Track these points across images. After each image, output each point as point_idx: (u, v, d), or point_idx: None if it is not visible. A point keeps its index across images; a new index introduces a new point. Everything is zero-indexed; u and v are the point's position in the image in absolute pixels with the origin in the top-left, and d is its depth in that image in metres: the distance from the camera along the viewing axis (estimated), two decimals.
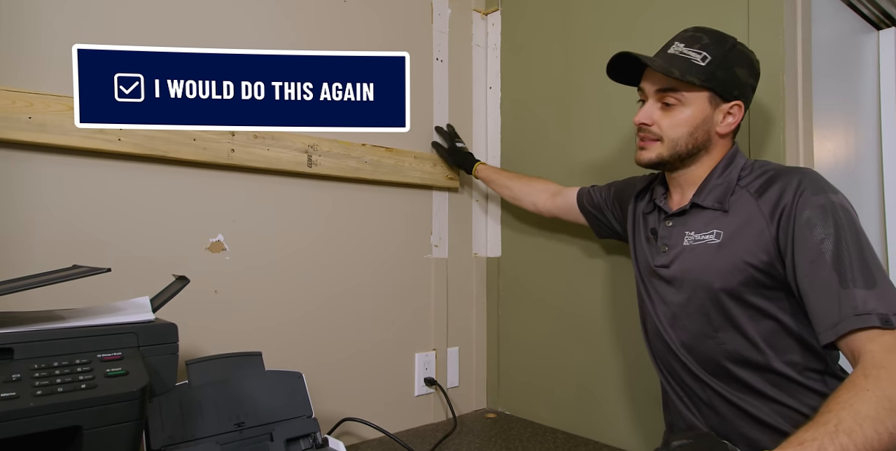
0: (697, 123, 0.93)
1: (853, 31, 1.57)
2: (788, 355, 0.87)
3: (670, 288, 0.98)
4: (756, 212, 0.88)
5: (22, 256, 0.95)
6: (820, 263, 0.79)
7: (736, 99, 0.93)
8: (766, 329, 0.88)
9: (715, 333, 0.92)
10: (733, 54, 0.92)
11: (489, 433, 1.40)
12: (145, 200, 1.07)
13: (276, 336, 1.23)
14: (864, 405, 0.64)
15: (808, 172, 0.87)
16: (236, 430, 0.94)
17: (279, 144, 1.21)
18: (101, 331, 0.71)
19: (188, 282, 0.92)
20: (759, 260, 0.86)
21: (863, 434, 0.62)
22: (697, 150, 0.95)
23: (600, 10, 1.41)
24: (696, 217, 0.96)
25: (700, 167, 0.97)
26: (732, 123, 0.94)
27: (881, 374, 0.67)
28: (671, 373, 1.01)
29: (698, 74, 0.90)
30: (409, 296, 1.48)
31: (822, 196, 0.82)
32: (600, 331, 1.38)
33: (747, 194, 0.91)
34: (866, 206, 1.58)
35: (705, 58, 0.90)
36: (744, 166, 0.94)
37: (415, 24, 1.53)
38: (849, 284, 0.76)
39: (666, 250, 0.99)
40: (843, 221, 0.80)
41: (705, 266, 0.92)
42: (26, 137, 0.93)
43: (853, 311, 0.74)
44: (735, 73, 0.92)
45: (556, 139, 1.50)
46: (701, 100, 0.92)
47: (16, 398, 0.60)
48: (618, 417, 1.34)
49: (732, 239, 0.89)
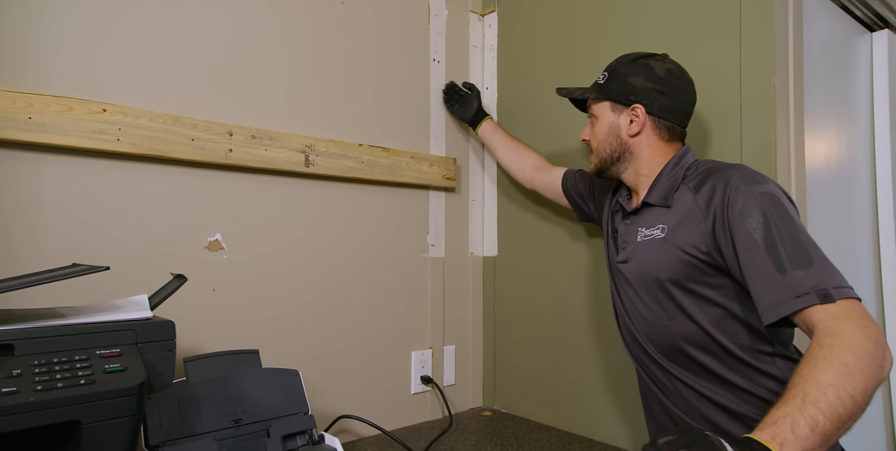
0: (607, 129, 1.07)
1: (846, 32, 1.58)
2: (737, 339, 0.92)
3: (629, 282, 1.05)
4: (693, 206, 0.94)
5: (21, 254, 0.96)
6: (755, 250, 0.83)
7: (634, 103, 1.03)
8: (714, 315, 0.93)
9: (669, 321, 0.98)
10: (629, 67, 1.04)
11: (485, 430, 1.41)
12: (144, 200, 1.09)
13: (274, 334, 1.24)
14: (823, 374, 0.67)
15: (740, 167, 0.93)
16: (233, 426, 0.95)
17: (277, 144, 1.22)
18: (99, 328, 0.72)
19: (185, 280, 0.93)
20: (698, 251, 0.92)
21: (827, 402, 0.65)
22: (619, 153, 1.06)
23: (596, 11, 1.42)
24: (647, 214, 1.03)
25: (634, 168, 1.06)
26: (638, 124, 1.03)
27: (833, 342, 0.71)
28: (641, 363, 1.07)
29: (594, 91, 1.08)
30: (405, 295, 1.49)
31: (753, 187, 0.88)
32: (594, 330, 1.40)
33: (687, 190, 0.97)
34: (859, 205, 1.59)
35: (605, 76, 1.08)
36: (690, 165, 1.01)
37: (412, 25, 1.54)
38: (785, 267, 0.80)
39: (625, 246, 1.06)
40: (772, 208, 0.85)
41: (653, 259, 0.98)
42: (26, 137, 0.94)
43: (794, 293, 0.78)
44: (629, 81, 1.03)
45: (553, 139, 1.51)
46: (604, 109, 1.07)
47: (16, 393, 0.61)
48: (610, 415, 1.35)
49: (674, 232, 0.96)
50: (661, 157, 1.04)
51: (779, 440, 0.62)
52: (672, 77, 1.03)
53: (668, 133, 1.04)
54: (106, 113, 1.01)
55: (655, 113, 1.02)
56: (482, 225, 1.70)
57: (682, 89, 1.04)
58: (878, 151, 1.66)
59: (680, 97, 1.03)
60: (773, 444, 0.61)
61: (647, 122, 1.03)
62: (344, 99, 1.39)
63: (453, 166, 1.58)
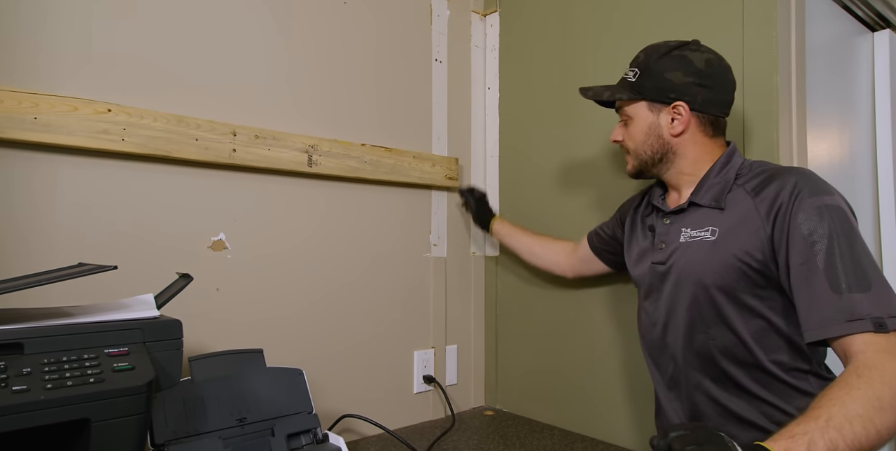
0: (646, 130, 1.00)
1: (848, 32, 1.59)
2: (776, 355, 0.89)
3: (666, 284, 1.00)
4: (752, 210, 0.89)
5: (26, 253, 0.96)
6: (811, 264, 0.80)
7: (675, 100, 0.96)
8: (756, 328, 0.89)
9: (707, 329, 0.93)
10: (663, 62, 0.97)
11: (487, 429, 1.41)
12: (149, 199, 1.09)
13: (277, 334, 1.24)
14: (854, 403, 0.66)
15: (805, 173, 0.88)
16: (238, 425, 0.96)
17: (280, 144, 1.23)
18: (108, 327, 0.72)
19: (192, 280, 0.93)
20: (753, 258, 0.87)
21: (852, 431, 0.64)
22: (662, 154, 1.00)
23: (598, 11, 1.43)
24: (694, 215, 0.97)
25: (678, 168, 1.01)
26: (682, 123, 0.97)
27: (873, 374, 0.69)
28: (661, 369, 1.03)
29: (626, 90, 1.01)
30: (408, 294, 1.50)
31: (818, 197, 0.83)
32: (596, 330, 1.40)
33: (744, 193, 0.92)
34: (861, 204, 1.60)
35: (636, 74, 1.00)
36: (741, 166, 0.96)
37: (414, 25, 1.55)
38: (842, 288, 0.77)
39: (663, 247, 1.01)
40: (838, 223, 0.81)
41: (700, 262, 0.93)
42: (32, 137, 0.94)
43: (846, 316, 0.75)
44: (665, 77, 0.96)
45: (555, 139, 1.52)
46: (641, 110, 1.00)
47: (27, 392, 0.61)
48: (613, 414, 1.35)
49: (727, 236, 0.91)
50: (708, 154, 0.98)
51: None
52: (712, 67, 0.96)
53: (712, 128, 0.98)
54: (111, 113, 1.01)
55: (699, 109, 0.96)
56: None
57: (724, 78, 0.97)
58: (879, 150, 1.66)
59: (723, 87, 0.97)
60: None
61: (692, 119, 0.97)
62: (346, 99, 1.39)
63: (455, 166, 1.59)
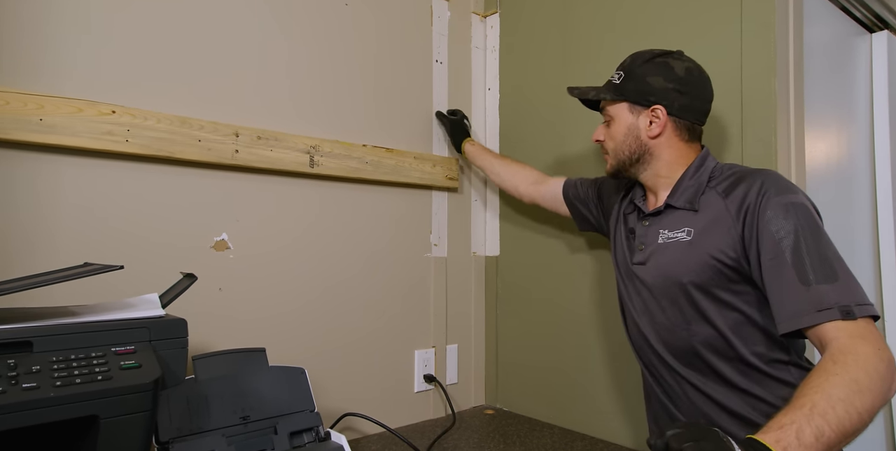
0: (625, 131, 1.04)
1: (846, 33, 1.60)
2: (755, 346, 0.92)
3: (646, 284, 1.04)
4: (723, 211, 0.94)
5: (30, 254, 0.97)
6: (780, 259, 0.84)
7: (654, 104, 1.01)
8: (733, 321, 0.93)
9: (687, 325, 0.97)
10: (647, 67, 1.02)
11: (487, 428, 1.42)
12: (152, 200, 1.10)
13: (279, 333, 1.25)
14: (834, 389, 0.69)
15: (771, 174, 0.93)
16: (241, 423, 0.96)
17: (282, 145, 1.24)
18: (115, 325, 0.73)
19: (196, 279, 0.94)
20: (726, 256, 0.91)
21: (835, 415, 0.66)
22: (639, 155, 1.04)
23: (597, 12, 1.44)
24: (670, 217, 1.02)
25: (654, 170, 1.05)
26: (659, 126, 1.01)
27: (847, 359, 0.72)
28: (649, 365, 1.07)
29: (610, 91, 1.06)
30: (409, 294, 1.51)
31: (783, 196, 0.88)
32: (596, 329, 1.41)
33: (715, 194, 0.96)
34: (858, 205, 1.61)
35: (620, 76, 1.05)
36: (714, 169, 1.01)
37: (414, 26, 1.56)
38: (809, 280, 0.81)
39: (643, 247, 1.05)
40: (803, 220, 0.85)
41: (677, 262, 0.97)
42: (38, 138, 0.95)
43: (815, 307, 0.79)
44: (647, 81, 1.01)
45: (555, 139, 1.53)
46: (622, 111, 1.05)
47: (36, 389, 0.62)
48: (612, 413, 1.36)
49: (702, 236, 0.95)
50: (683, 158, 1.03)
51: (783, 444, 0.63)
52: (692, 76, 1.01)
53: (688, 133, 1.02)
54: (115, 115, 1.02)
55: (676, 114, 1.01)
56: (484, 225, 1.71)
57: (702, 88, 1.02)
58: (877, 152, 1.67)
59: (700, 96, 1.02)
60: (777, 447, 0.63)
61: (668, 123, 1.01)
62: (348, 100, 1.40)
63: (456, 167, 1.60)
